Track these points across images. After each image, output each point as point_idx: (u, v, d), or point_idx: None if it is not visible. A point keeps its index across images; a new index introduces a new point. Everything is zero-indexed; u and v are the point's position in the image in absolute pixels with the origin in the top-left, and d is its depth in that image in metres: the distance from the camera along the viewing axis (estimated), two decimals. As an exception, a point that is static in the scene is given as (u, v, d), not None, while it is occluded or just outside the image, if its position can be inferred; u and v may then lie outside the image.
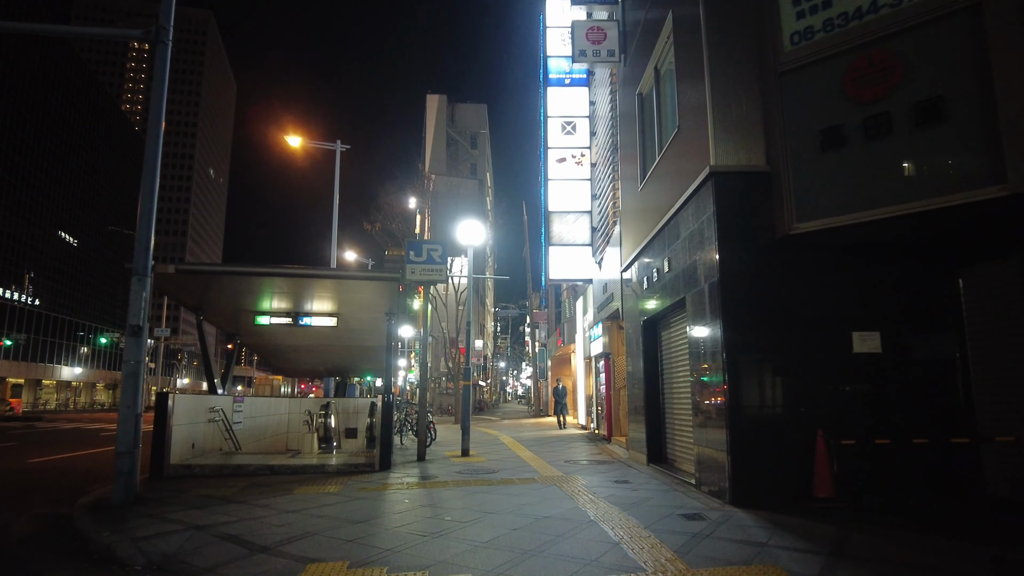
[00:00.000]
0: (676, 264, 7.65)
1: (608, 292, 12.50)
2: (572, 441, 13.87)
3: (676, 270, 7.65)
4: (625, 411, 12.46)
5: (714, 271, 6.28)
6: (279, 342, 13.33)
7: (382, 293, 9.33)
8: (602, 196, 14.51)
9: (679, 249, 7.52)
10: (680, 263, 7.48)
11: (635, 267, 10.01)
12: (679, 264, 7.52)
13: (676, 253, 7.65)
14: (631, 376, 10.28)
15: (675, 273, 7.70)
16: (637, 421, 9.84)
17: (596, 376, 14.66)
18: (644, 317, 9.35)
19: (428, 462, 9.98)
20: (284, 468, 9.04)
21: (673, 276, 7.78)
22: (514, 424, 22.13)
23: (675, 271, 7.69)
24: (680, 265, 7.48)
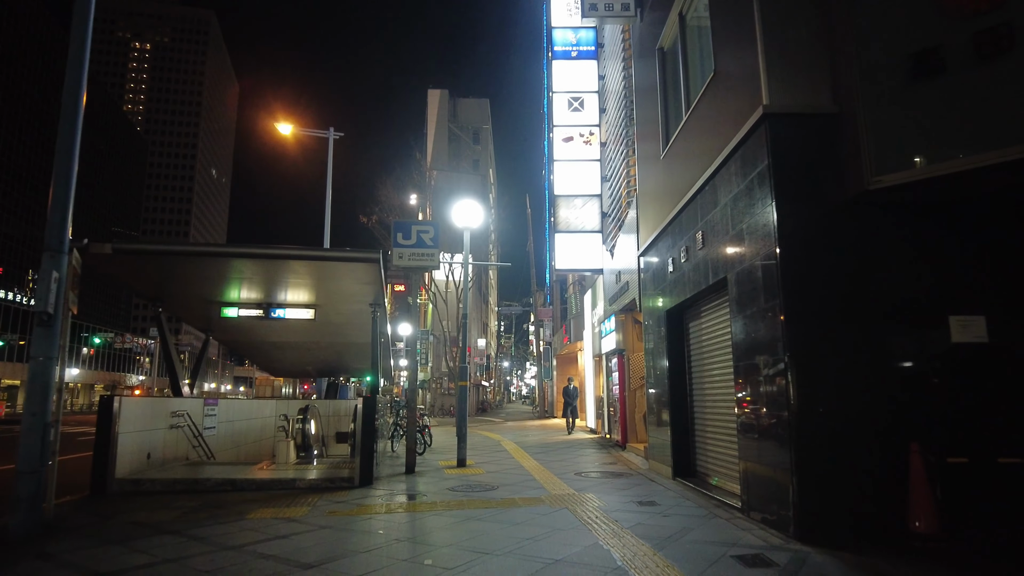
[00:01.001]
0: (712, 238, 6.31)
1: (622, 282, 11.16)
2: (581, 448, 12.53)
3: (712, 246, 6.30)
4: (642, 415, 11.12)
5: (769, 240, 4.93)
6: (257, 338, 12.05)
7: (362, 279, 8.02)
8: (614, 178, 13.17)
9: (716, 220, 6.18)
10: (718, 236, 6.14)
11: (656, 250, 8.67)
12: (717, 238, 6.18)
13: (712, 225, 6.30)
14: (651, 375, 8.94)
15: (711, 250, 6.35)
16: (659, 427, 8.50)
17: (608, 376, 13.32)
18: (667, 307, 8.01)
19: (418, 475, 8.67)
20: (248, 483, 7.75)
21: (708, 254, 6.44)
22: (518, 427, 20.81)
23: (711, 247, 6.35)
24: (718, 239, 6.13)
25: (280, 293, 9.09)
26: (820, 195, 4.89)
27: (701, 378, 7.48)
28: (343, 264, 7.37)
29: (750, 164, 5.33)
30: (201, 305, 9.47)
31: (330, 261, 7.13)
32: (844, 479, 4.49)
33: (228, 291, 9.03)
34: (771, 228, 4.91)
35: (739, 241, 5.57)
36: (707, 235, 6.46)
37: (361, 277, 7.93)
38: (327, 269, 7.71)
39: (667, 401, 8.06)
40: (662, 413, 8.37)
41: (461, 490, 7.26)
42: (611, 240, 12.96)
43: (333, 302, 9.31)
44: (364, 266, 7.40)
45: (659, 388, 8.55)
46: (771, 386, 4.93)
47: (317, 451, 10.65)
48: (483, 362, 48.47)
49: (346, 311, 9.71)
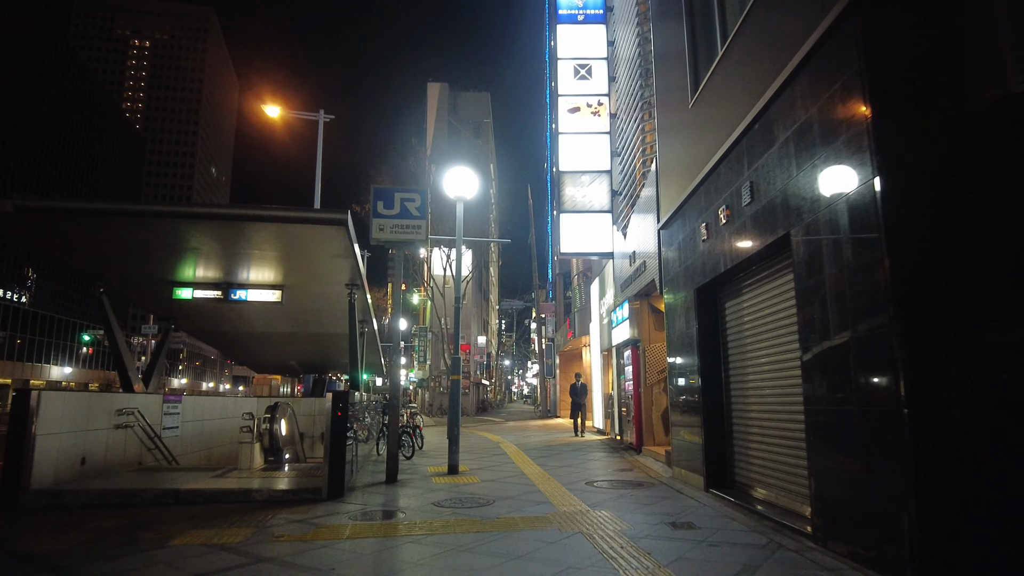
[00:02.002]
0: (766, 188, 4.96)
1: (637, 262, 9.82)
2: (590, 451, 11.19)
3: (765, 197, 4.96)
4: (660, 414, 9.77)
5: (866, 169, 3.59)
6: (227, 327, 10.73)
7: (332, 250, 6.69)
8: (626, 151, 11.82)
9: (772, 164, 4.84)
10: (775, 184, 4.80)
11: (681, 219, 7.34)
12: (773, 186, 4.84)
13: (766, 172, 4.96)
14: (675, 367, 7.60)
15: (763, 203, 5.01)
16: (686, 428, 7.16)
17: (618, 371, 11.98)
18: (698, 284, 6.67)
19: (401, 485, 7.34)
20: (195, 495, 6.43)
21: (758, 209, 5.10)
22: (519, 427, 19.47)
23: (763, 200, 5.01)
24: (775, 187, 4.79)
25: (240, 270, 7.77)
26: (936, 106, 3.55)
27: (742, 369, 6.14)
28: (305, 229, 6.03)
29: (826, 78, 3.98)
30: (150, 285, 8.15)
31: (286, 223, 5.78)
32: (987, 509, 3.15)
33: (180, 267, 7.72)
34: (865, 154, 3.56)
35: (809, 184, 4.23)
36: (758, 186, 5.12)
37: (330, 248, 6.60)
38: (287, 236, 6.38)
39: (697, 398, 6.72)
40: (690, 412, 7.03)
41: (449, 505, 5.93)
42: (623, 220, 11.61)
43: (303, 282, 7.99)
44: (331, 232, 6.07)
45: (686, 382, 7.21)
46: (869, 374, 3.58)
47: (290, 455, 9.32)
48: (483, 360, 47.15)
49: (320, 293, 8.39)
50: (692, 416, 6.96)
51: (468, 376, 39.04)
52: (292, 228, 6.08)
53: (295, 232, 6.22)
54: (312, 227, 5.86)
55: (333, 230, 5.87)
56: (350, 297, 8.03)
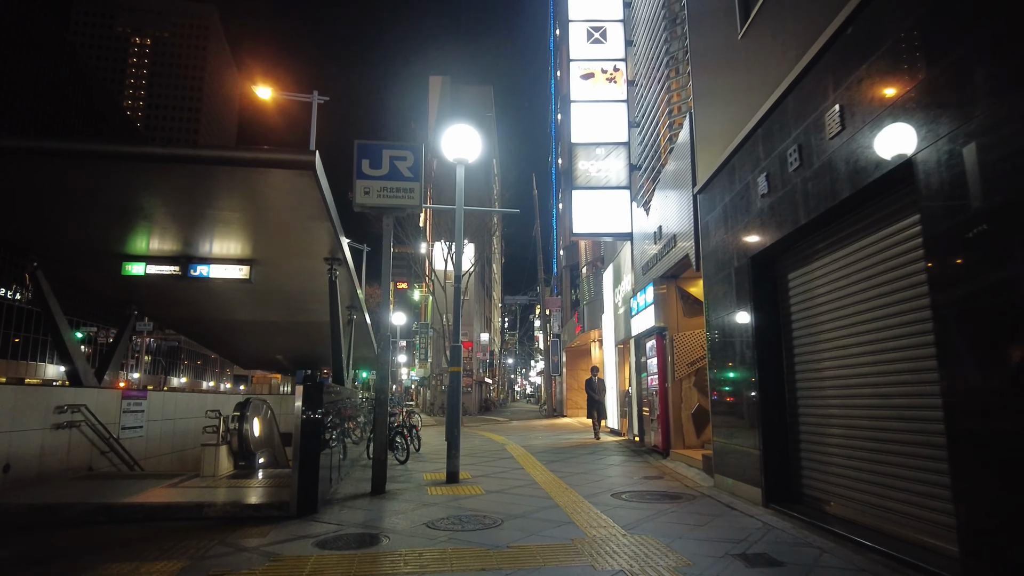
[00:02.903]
0: (868, 106, 3.70)
1: (665, 238, 8.56)
2: (605, 453, 9.94)
3: (871, 117, 3.70)
4: (691, 413, 8.52)
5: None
6: (192, 312, 9.52)
7: (303, 208, 5.46)
8: (647, 120, 10.57)
9: (881, 69, 3.57)
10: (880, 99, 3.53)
11: (728, 177, 6.08)
12: (877, 102, 3.57)
13: (869, 84, 3.70)
14: (720, 355, 6.35)
15: (866, 126, 3.75)
16: (735, 429, 5.91)
17: (637, 365, 10.73)
18: (755, 250, 5.41)
19: (389, 497, 6.09)
20: (133, 510, 5.22)
21: (858, 136, 3.84)
22: (524, 427, 18.22)
23: (866, 121, 3.75)
24: (881, 103, 3.53)
25: (201, 240, 6.55)
26: None
27: (815, 355, 4.88)
28: (265, 178, 4.79)
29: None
30: (94, 259, 6.94)
31: (238, 166, 4.54)
32: None
33: (130, 238, 6.51)
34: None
35: (946, 84, 2.96)
36: (853, 107, 3.86)
37: (301, 206, 5.37)
38: (247, 189, 5.14)
39: (752, 393, 5.46)
40: (739, 410, 5.77)
41: (446, 527, 4.68)
42: (644, 195, 10.36)
43: (274, 255, 6.76)
44: (298, 183, 4.82)
45: (734, 374, 5.95)
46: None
47: (266, 459, 8.12)
48: (486, 358, 45.94)
49: (297, 271, 7.17)
50: (742, 415, 5.71)
51: (470, 374, 37.80)
52: (249, 177, 4.85)
53: (255, 183, 4.99)
54: (273, 174, 4.62)
55: (298, 178, 4.63)
56: (330, 274, 6.80)
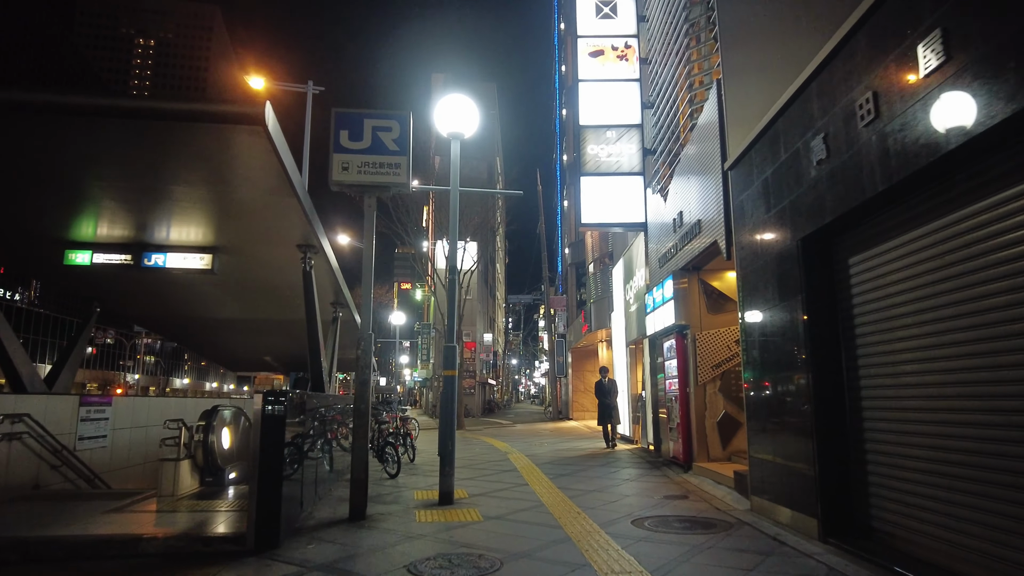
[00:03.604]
0: (986, 25, 2.76)
1: (687, 224, 7.63)
2: (619, 465, 9.00)
3: (991, 41, 2.76)
4: (716, 421, 7.57)
5: None
6: (157, 309, 8.63)
7: (261, 180, 4.56)
8: (662, 99, 9.64)
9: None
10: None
11: (769, 145, 5.14)
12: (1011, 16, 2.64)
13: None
14: (760, 355, 5.40)
15: (981, 54, 2.81)
16: (780, 444, 4.97)
17: (652, 367, 9.78)
18: (807, 229, 4.48)
19: (369, 525, 5.18)
20: (52, 548, 4.33)
21: (967, 69, 2.90)
22: (529, 431, 17.30)
23: (985, 46, 2.81)
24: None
25: (156, 225, 5.67)
26: None
27: (888, 356, 3.94)
28: (206, 137, 3.88)
29: None
30: (30, 245, 6.05)
31: (157, 119, 3.63)
32: None
33: (74, 221, 5.63)
34: None
35: None
36: (958, 33, 2.92)
37: (258, 176, 4.47)
38: (188, 154, 4.23)
39: (801, 399, 4.52)
40: (786, 421, 4.83)
41: (431, 571, 3.76)
42: (660, 183, 9.42)
43: (240, 242, 5.88)
44: (247, 144, 3.92)
45: (778, 376, 5.01)
46: None
47: (238, 473, 7.21)
48: (489, 359, 45.02)
49: (266, 260, 6.29)
50: (789, 426, 4.77)
51: (474, 375, 36.88)
52: (195, 141, 3.95)
53: (203, 149, 4.08)
54: (218, 135, 3.72)
55: (249, 139, 3.73)
56: (304, 264, 5.90)
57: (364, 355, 5.29)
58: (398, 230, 23.53)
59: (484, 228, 31.08)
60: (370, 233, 5.63)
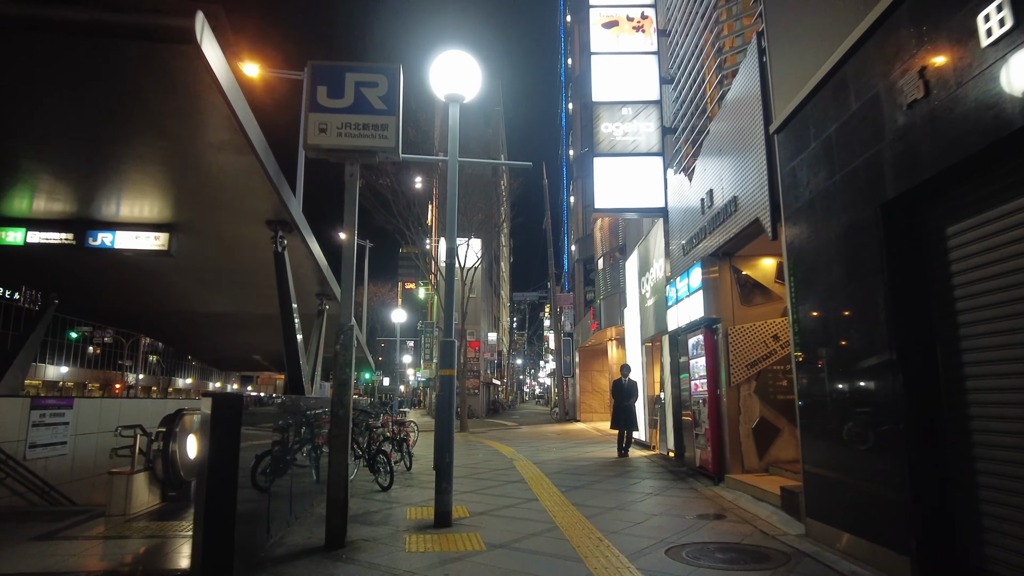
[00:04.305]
0: None
1: (718, 203, 6.72)
2: (638, 475, 8.11)
3: None
4: (752, 427, 6.66)
5: None
6: (138, 303, 7.76)
7: (209, 136, 3.70)
8: (685, 72, 8.75)
9: None
10: None
11: (833, 96, 4.23)
12: None
13: None
14: (822, 345, 4.48)
15: None
16: (850, 456, 4.05)
17: (674, 367, 8.87)
18: (891, 193, 3.56)
19: (347, 556, 4.29)
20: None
21: None
22: (535, 434, 16.40)
23: None
24: None
25: (99, 196, 4.81)
26: None
27: (1009, 350, 3.03)
28: (130, 65, 3.01)
29: None
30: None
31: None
32: None
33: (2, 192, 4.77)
34: None
35: None
36: None
37: (200, 126, 3.60)
38: (109, 94, 3.36)
39: (884, 403, 3.61)
40: (856, 430, 3.92)
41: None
42: (682, 162, 8.52)
43: (200, 217, 5.03)
44: (179, 74, 3.05)
45: (846, 373, 4.10)
46: None
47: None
48: (494, 359, 44.15)
49: (233, 240, 5.44)
50: (864, 438, 3.86)
51: (478, 375, 36.01)
52: (117, 71, 3.09)
53: (126, 86, 3.21)
54: (138, 62, 2.85)
55: (179, 63, 2.85)
56: (275, 243, 5.03)
57: (344, 350, 4.41)
58: (399, 225, 22.62)
59: (488, 224, 30.23)
60: (352, 207, 4.75)
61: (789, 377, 6.76)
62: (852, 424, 4.03)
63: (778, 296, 7.06)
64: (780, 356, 6.77)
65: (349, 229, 4.70)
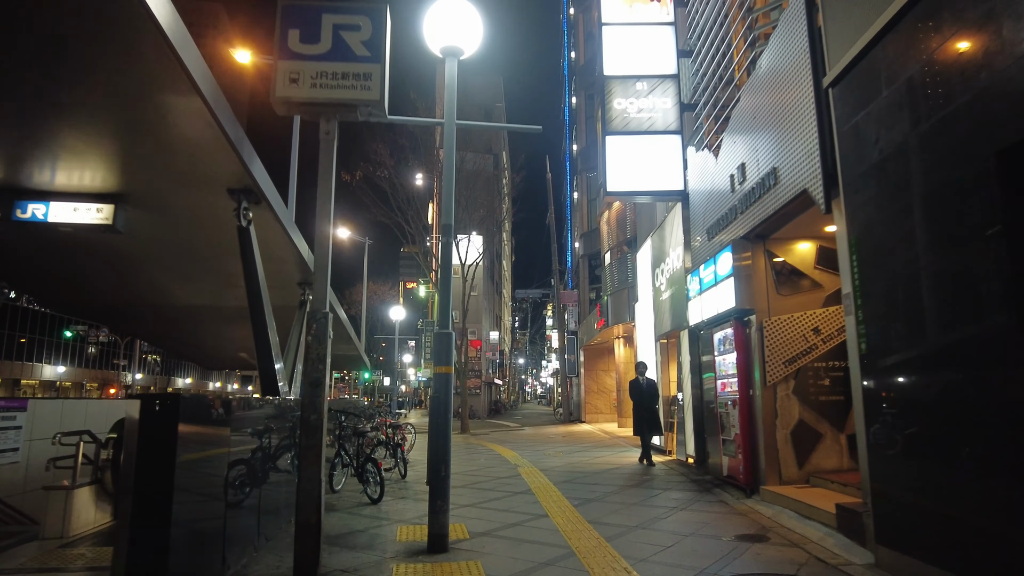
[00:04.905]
0: None
1: (752, 179, 5.92)
2: (656, 485, 7.31)
3: None
4: (790, 431, 5.87)
5: None
6: (106, 294, 6.99)
7: (147, 71, 2.92)
8: (707, 41, 7.96)
9: None
10: None
11: (914, 28, 3.43)
12: None
13: None
14: (904, 336, 3.67)
15: None
16: (943, 479, 3.26)
17: (695, 366, 8.08)
18: (1013, 140, 2.76)
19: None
20: None
21: None
22: (539, 436, 15.60)
23: None
24: None
25: (27, 158, 4.03)
26: None
27: None
28: None
29: None
30: None
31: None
32: None
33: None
34: None
35: None
36: None
37: (125, 55, 2.82)
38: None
39: (1001, 409, 2.82)
40: (959, 439, 3.12)
41: None
42: (706, 138, 7.73)
43: (148, 183, 4.25)
44: None
45: (938, 369, 3.30)
46: None
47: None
48: (496, 358, 43.38)
49: (195, 214, 4.65)
50: (966, 454, 3.06)
51: (479, 375, 35.25)
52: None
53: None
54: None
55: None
56: (239, 216, 4.25)
57: (316, 343, 3.64)
58: (398, 219, 21.80)
59: (490, 219, 29.45)
60: (328, 173, 3.96)
61: (832, 375, 5.98)
62: (942, 434, 3.23)
63: (818, 284, 6.26)
64: (821, 352, 5.97)
65: (324, 199, 3.92)
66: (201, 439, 3.31)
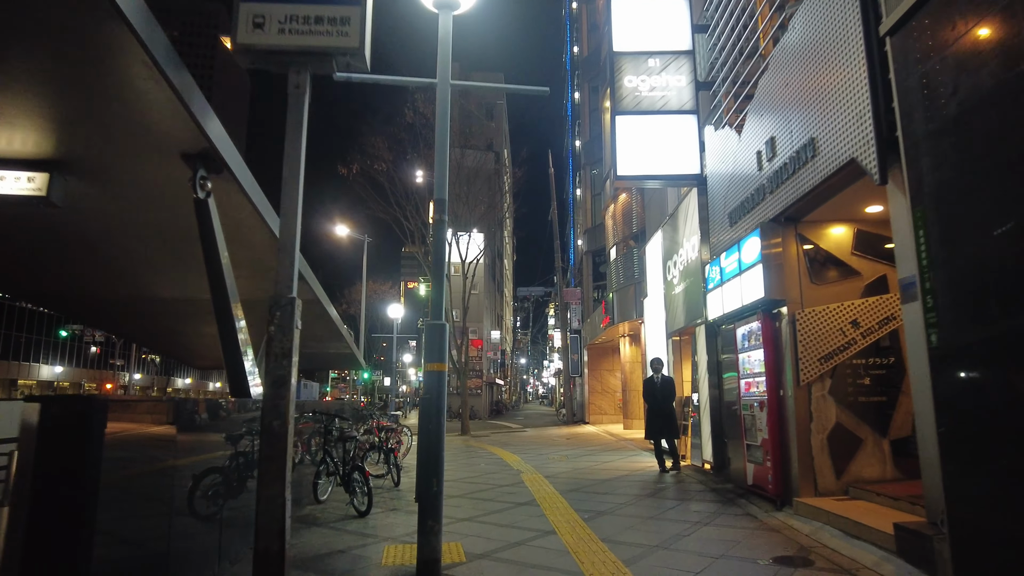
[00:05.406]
0: None
1: (783, 154, 5.29)
2: (673, 494, 6.68)
3: None
4: (826, 436, 5.24)
5: None
6: (76, 286, 6.37)
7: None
8: (724, 13, 7.33)
9: None
10: None
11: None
12: None
13: None
14: (993, 324, 3.04)
15: None
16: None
17: (712, 365, 7.45)
18: None
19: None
20: None
21: None
22: (542, 438, 14.96)
23: None
24: None
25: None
26: None
27: None
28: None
29: None
30: None
31: None
32: None
33: None
34: None
35: None
36: None
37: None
38: None
39: None
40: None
41: None
42: (726, 116, 7.09)
43: (88, 146, 3.61)
44: None
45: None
46: None
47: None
48: (497, 358, 42.76)
49: (146, 184, 4.00)
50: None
51: (480, 375, 34.65)
52: None
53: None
54: None
55: None
56: (194, 186, 3.62)
57: (280, 333, 3.02)
58: (396, 215, 21.15)
59: (491, 216, 28.80)
60: (297, 131, 3.34)
61: (872, 373, 5.35)
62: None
63: (856, 272, 5.63)
64: (861, 347, 5.34)
65: (293, 162, 3.30)
66: (134, 453, 2.69)
